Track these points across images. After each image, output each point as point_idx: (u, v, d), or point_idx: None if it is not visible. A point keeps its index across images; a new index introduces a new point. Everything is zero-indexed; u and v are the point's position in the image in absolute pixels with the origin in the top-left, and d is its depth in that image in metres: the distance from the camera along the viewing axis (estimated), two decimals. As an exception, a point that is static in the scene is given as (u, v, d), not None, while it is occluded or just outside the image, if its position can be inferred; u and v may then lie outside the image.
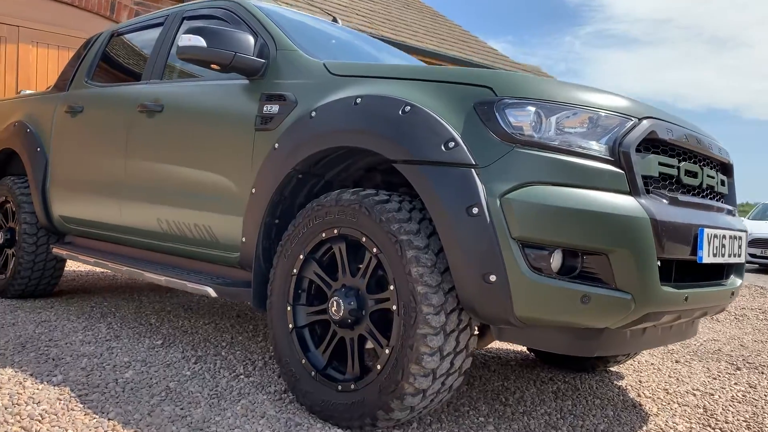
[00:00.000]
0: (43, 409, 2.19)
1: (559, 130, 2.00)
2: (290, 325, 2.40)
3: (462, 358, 2.09)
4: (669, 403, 2.86)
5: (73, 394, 2.36)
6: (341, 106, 2.33)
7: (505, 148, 1.97)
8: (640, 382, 3.19)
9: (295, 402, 2.44)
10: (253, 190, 2.59)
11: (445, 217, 1.96)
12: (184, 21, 3.49)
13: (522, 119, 2.00)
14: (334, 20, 3.82)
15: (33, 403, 2.25)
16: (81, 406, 2.25)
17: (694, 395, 3.03)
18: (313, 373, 2.30)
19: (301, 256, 2.38)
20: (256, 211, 2.57)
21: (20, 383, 2.46)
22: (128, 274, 3.23)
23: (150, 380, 2.58)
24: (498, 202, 1.91)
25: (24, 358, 2.82)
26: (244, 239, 2.65)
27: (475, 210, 1.91)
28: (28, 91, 5.10)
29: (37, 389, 2.40)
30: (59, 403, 2.26)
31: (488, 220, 1.90)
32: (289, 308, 2.41)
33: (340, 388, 2.21)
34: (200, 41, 2.67)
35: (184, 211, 3.00)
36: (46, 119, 4.15)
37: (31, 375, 2.56)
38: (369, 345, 2.24)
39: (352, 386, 2.18)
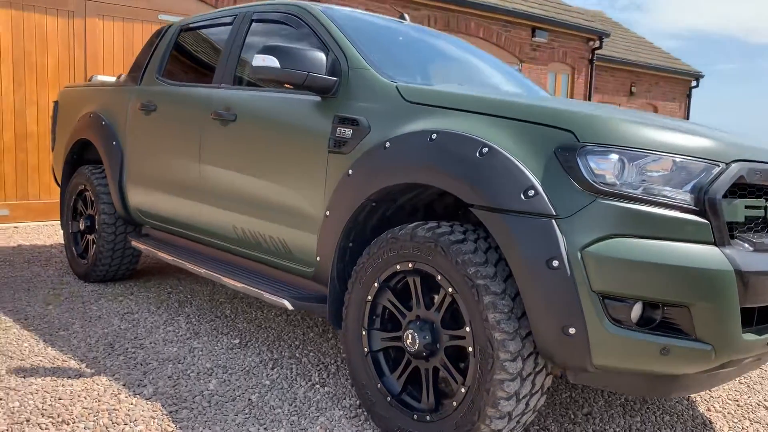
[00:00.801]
0: (140, 431, 2.36)
1: (642, 178, 1.96)
2: (365, 349, 2.48)
3: (537, 398, 2.14)
4: (740, 420, 2.85)
5: (164, 411, 2.52)
6: (416, 141, 2.32)
7: (586, 199, 1.94)
8: (710, 391, 3.18)
9: (370, 420, 2.54)
10: (327, 213, 2.64)
11: (524, 268, 1.96)
12: (253, 23, 3.50)
13: (604, 167, 1.96)
14: (402, 17, 3.75)
15: (130, 421, 2.42)
16: (173, 426, 2.40)
17: (766, 408, 3.00)
18: (388, 398, 2.39)
19: (376, 284, 2.43)
20: (331, 235, 2.62)
21: (115, 396, 2.64)
22: (206, 276, 3.37)
23: (233, 392, 2.73)
24: (579, 255, 1.90)
25: (114, 362, 3.01)
26: (318, 258, 2.72)
27: (555, 263, 1.91)
28: (99, 77, 5.23)
29: (132, 404, 2.57)
30: (153, 422, 2.42)
31: (569, 273, 1.90)
32: (364, 332, 2.48)
33: (415, 417, 2.30)
34: (274, 62, 2.69)
35: (258, 222, 3.09)
36: (120, 113, 4.27)
37: (124, 386, 2.74)
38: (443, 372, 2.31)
39: (428, 417, 2.26)
